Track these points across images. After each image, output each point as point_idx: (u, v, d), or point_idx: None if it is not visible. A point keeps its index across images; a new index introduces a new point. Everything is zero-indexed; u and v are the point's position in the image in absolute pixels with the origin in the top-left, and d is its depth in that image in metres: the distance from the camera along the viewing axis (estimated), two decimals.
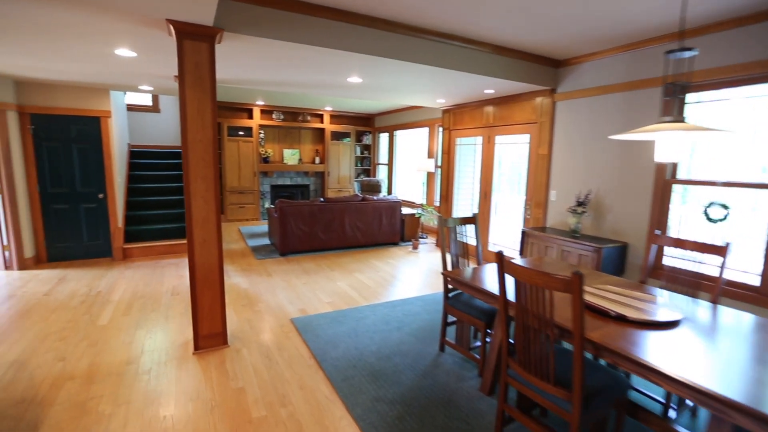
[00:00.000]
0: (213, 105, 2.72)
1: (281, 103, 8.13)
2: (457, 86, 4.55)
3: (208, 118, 2.71)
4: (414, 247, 6.27)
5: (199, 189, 2.74)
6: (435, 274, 5.01)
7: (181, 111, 2.63)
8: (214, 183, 2.79)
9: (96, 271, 4.80)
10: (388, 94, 5.29)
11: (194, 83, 2.64)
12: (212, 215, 2.80)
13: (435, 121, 7.32)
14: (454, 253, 3.13)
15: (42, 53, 3.39)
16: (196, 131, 2.68)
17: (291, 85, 4.78)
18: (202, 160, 2.72)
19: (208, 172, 2.75)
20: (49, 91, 4.85)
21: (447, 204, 6.34)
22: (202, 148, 2.71)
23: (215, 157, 2.77)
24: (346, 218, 5.95)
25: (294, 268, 5.08)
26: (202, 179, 2.74)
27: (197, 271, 2.80)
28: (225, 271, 4.91)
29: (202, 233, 2.78)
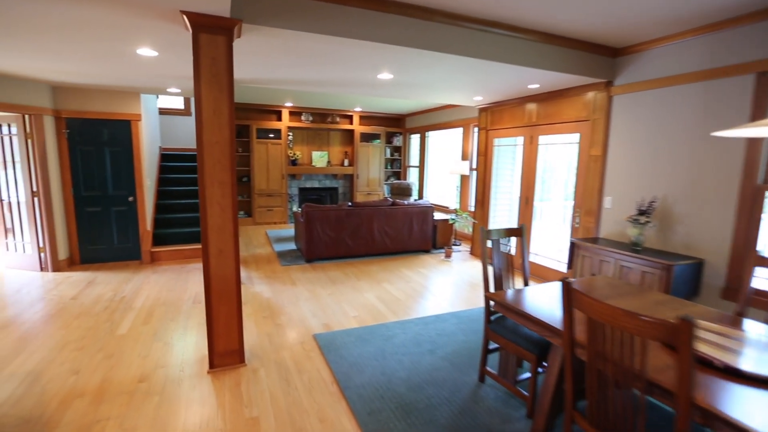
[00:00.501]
0: (230, 104, 2.49)
1: (310, 105, 7.98)
2: (498, 81, 4.15)
3: (225, 119, 2.48)
4: (447, 255, 5.89)
5: (215, 195, 2.52)
6: (470, 287, 4.62)
7: (197, 110, 2.42)
8: (231, 188, 2.56)
9: (124, 274, 4.76)
10: (421, 92, 4.95)
11: (210, 80, 2.42)
12: (229, 223, 2.57)
13: (470, 120, 6.90)
14: (497, 266, 2.75)
15: (66, 54, 3.32)
16: (212, 132, 2.46)
17: (316, 84, 4.55)
18: (219, 163, 2.50)
19: (225, 177, 2.53)
20: (82, 95, 4.87)
21: (483, 209, 5.91)
22: (219, 151, 2.49)
23: (233, 160, 2.54)
24: (375, 224, 5.66)
25: (319, 277, 4.84)
26: (218, 184, 2.52)
27: (212, 284, 2.58)
28: (248, 277, 4.75)
29: (218, 243, 2.56)
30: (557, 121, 4.67)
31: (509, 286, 2.77)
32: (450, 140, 7.83)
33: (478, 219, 6.00)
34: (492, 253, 2.74)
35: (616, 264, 3.56)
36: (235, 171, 2.58)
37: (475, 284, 4.71)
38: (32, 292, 4.09)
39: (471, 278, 4.95)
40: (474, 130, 6.99)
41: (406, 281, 4.77)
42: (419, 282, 4.76)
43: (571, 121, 4.50)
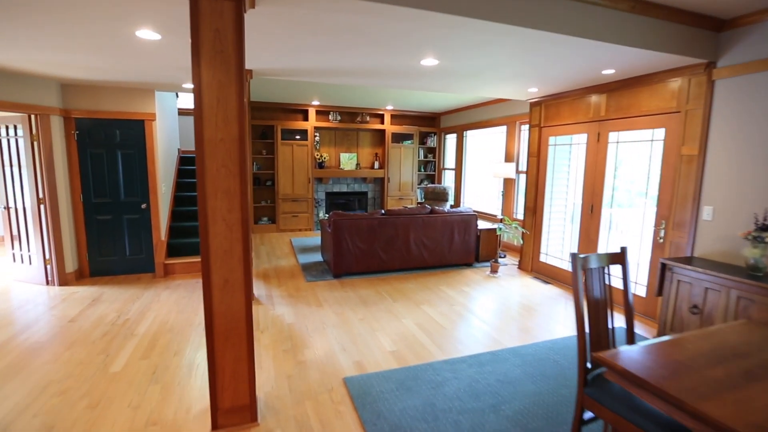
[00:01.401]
0: (240, 91, 1.90)
1: (338, 103, 7.43)
2: (565, 66, 3.41)
3: (233, 109, 1.89)
4: (493, 270, 5.15)
5: (219, 209, 1.93)
6: (526, 311, 3.87)
7: (195, 98, 1.84)
8: (241, 200, 1.97)
9: (133, 290, 4.31)
10: (468, 84, 4.26)
11: (213, 58, 1.84)
12: (237, 245, 1.98)
13: (516, 117, 6.13)
14: (597, 295, 2.03)
15: (62, 40, 2.85)
16: (215, 127, 1.88)
17: (347, 75, 3.94)
18: (224, 167, 1.91)
19: (233, 185, 1.94)
20: (93, 93, 4.47)
21: (534, 218, 5.14)
22: (224, 151, 1.90)
23: (243, 163, 1.95)
24: (411, 234, 5.00)
25: (349, 297, 4.22)
26: (223, 195, 1.93)
27: (216, 324, 2.00)
28: (269, 296, 4.19)
29: (223, 271, 1.97)
30: (633, 115, 3.87)
31: (610, 336, 2.04)
32: (491, 140, 7.07)
33: (527, 227, 5.23)
34: (586, 285, 2.02)
35: (727, 294, 2.76)
36: (247, 177, 1.99)
37: (531, 307, 3.96)
38: (31, 310, 3.68)
39: (524, 299, 4.20)
40: (521, 127, 6.22)
41: (449, 303, 4.08)
42: (464, 304, 4.06)
43: (653, 113, 3.70)
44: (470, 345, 3.18)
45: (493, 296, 4.32)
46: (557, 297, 4.33)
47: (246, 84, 3.69)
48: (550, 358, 2.99)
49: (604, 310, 2.03)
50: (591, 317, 2.00)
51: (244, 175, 1.96)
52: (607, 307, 2.03)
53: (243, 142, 1.93)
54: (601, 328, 2.01)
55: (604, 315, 2.03)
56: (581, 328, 1.89)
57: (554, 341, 3.27)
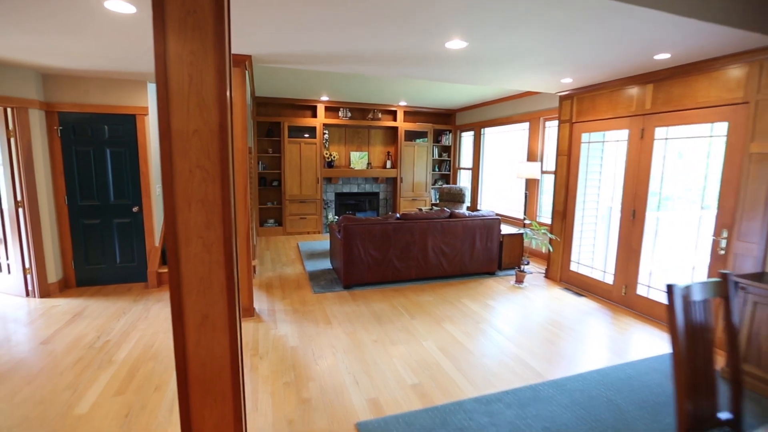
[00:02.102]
0: (221, 66, 1.43)
1: (348, 99, 6.96)
2: (611, 50, 2.89)
3: (210, 90, 1.42)
4: (518, 280, 4.64)
5: (193, 223, 1.47)
6: (564, 331, 3.36)
7: (158, 76, 1.38)
8: (223, 212, 1.50)
9: (121, 303, 3.89)
10: (496, 73, 3.75)
11: (183, 22, 1.37)
12: (219, 272, 1.51)
13: (540, 113, 5.61)
14: (696, 332, 1.53)
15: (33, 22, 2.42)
16: (187, 115, 1.41)
17: (359, 61, 3.46)
18: (200, 168, 1.45)
19: (212, 192, 1.47)
20: (78, 85, 4.06)
21: (564, 222, 4.62)
22: (199, 147, 1.44)
23: (225, 162, 1.48)
24: (429, 241, 4.52)
25: (361, 312, 3.75)
26: (198, 205, 1.46)
27: (191, 375, 1.53)
28: (271, 311, 3.74)
29: (200, 305, 1.51)
30: (687, 107, 3.34)
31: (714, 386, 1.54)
32: (512, 138, 6.55)
33: (556, 233, 4.71)
34: (684, 318, 1.51)
35: None
36: (230, 181, 1.52)
37: (567, 326, 3.45)
38: (0, 329, 3.27)
39: (558, 315, 3.69)
40: (545, 124, 5.69)
41: (474, 320, 3.59)
42: (490, 321, 3.57)
43: (712, 105, 3.17)
44: (505, 376, 2.68)
45: (521, 311, 3.82)
46: (594, 312, 3.81)
47: (244, 71, 3.24)
48: (603, 396, 2.48)
49: (706, 353, 1.52)
50: (688, 361, 1.49)
51: (226, 179, 1.49)
52: (710, 349, 1.53)
53: (225, 134, 1.46)
54: (701, 376, 1.50)
55: (706, 359, 1.52)
56: (681, 379, 1.39)
57: (603, 372, 2.76)
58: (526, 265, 5.46)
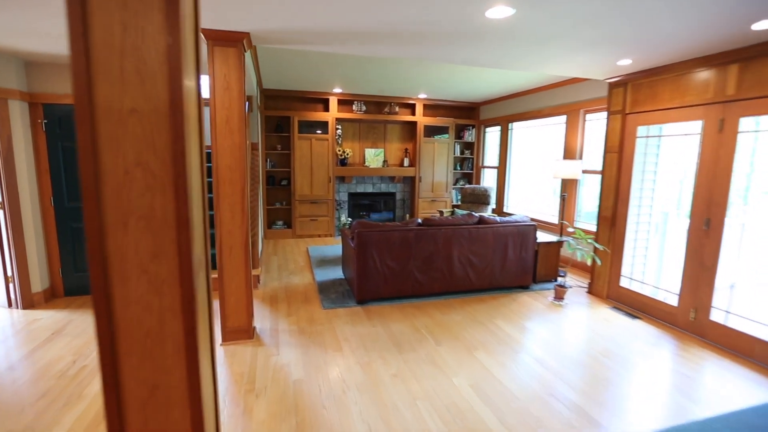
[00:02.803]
0: (173, 13, 0.92)
1: (363, 91, 6.44)
2: (696, 13, 2.28)
3: (156, 49, 0.91)
4: (557, 296, 4.05)
5: (132, 252, 0.96)
6: (626, 368, 2.77)
7: (69, 20, 0.88)
8: (179, 234, 0.99)
9: None
10: (539, 54, 3.17)
11: None
12: (175, 323, 1.00)
13: (580, 105, 4.98)
14: None
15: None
16: (120, 88, 0.90)
17: (376, 40, 2.93)
18: (140, 167, 0.93)
19: (162, 203, 0.96)
20: (65, 73, 3.65)
21: (613, 230, 4.00)
22: (139, 135, 0.92)
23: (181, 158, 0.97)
24: (454, 250, 3.97)
25: (377, 334, 3.23)
26: (139, 224, 0.95)
27: None
28: (273, 330, 3.25)
29: (145, 373, 1.00)
30: None
31: None
32: (545, 133, 5.92)
33: (603, 243, 4.10)
34: None
35: None
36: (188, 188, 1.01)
37: (621, 356, 2.86)
38: None
39: (613, 343, 3.10)
40: (585, 117, 5.07)
41: (510, 347, 3.03)
42: (529, 349, 3.01)
43: None
44: (558, 429, 2.13)
45: (566, 336, 3.24)
46: (654, 340, 3.21)
47: (241, 51, 2.74)
48: None
49: None
50: None
51: (183, 185, 0.98)
52: None
53: (180, 117, 0.95)
54: None
55: None
56: None
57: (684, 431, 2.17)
58: (562, 277, 4.86)
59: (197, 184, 1.11)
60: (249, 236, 2.93)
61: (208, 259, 1.24)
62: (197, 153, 1.12)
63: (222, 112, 2.73)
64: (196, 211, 1.09)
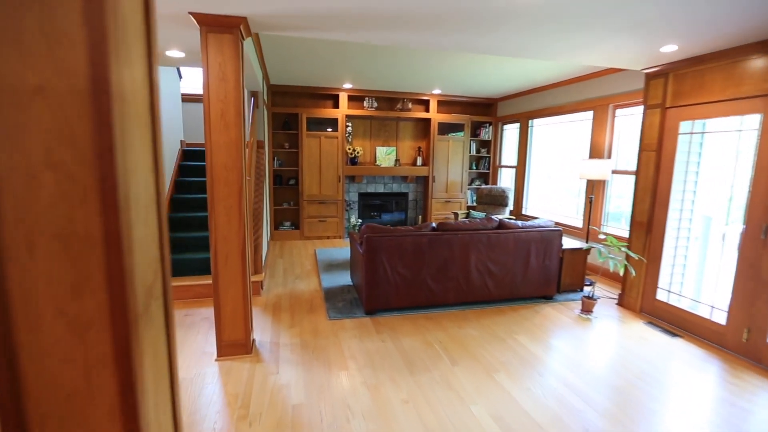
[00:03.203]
0: None
1: (375, 87, 6.16)
2: None
3: None
4: (585, 309, 3.70)
5: (42, 285, 0.69)
6: (665, 392, 2.42)
7: None
8: (109, 260, 0.71)
9: None
10: (571, 39, 2.84)
11: None
12: (110, 382, 0.73)
13: (608, 99, 4.61)
14: None
15: None
16: (18, 55, 0.63)
17: (388, 25, 2.64)
18: (51, 168, 0.66)
19: (85, 217, 0.68)
20: None
21: (649, 238, 3.63)
22: (47, 121, 0.65)
23: (109, 155, 0.69)
24: (471, 256, 3.65)
25: (387, 350, 2.94)
26: (53, 246, 0.68)
27: None
28: (273, 344, 2.99)
29: None
30: None
31: None
32: (568, 130, 5.55)
33: (638, 252, 3.73)
34: None
35: None
36: (119, 200, 0.73)
37: (663, 383, 2.51)
38: None
39: (647, 364, 2.75)
40: (614, 112, 4.69)
41: (536, 369, 2.71)
42: (558, 372, 2.68)
43: None
44: None
45: (598, 357, 2.90)
46: (700, 363, 2.85)
47: (238, 39, 2.48)
48: None
49: None
50: None
51: (111, 190, 0.70)
52: None
53: (105, 98, 0.67)
54: None
55: None
56: None
57: None
58: (589, 286, 4.50)
59: (145, 189, 0.83)
60: (247, 242, 2.67)
61: (167, 287, 0.96)
62: (146, 149, 0.83)
63: (217, 105, 2.47)
64: (140, 225, 0.81)
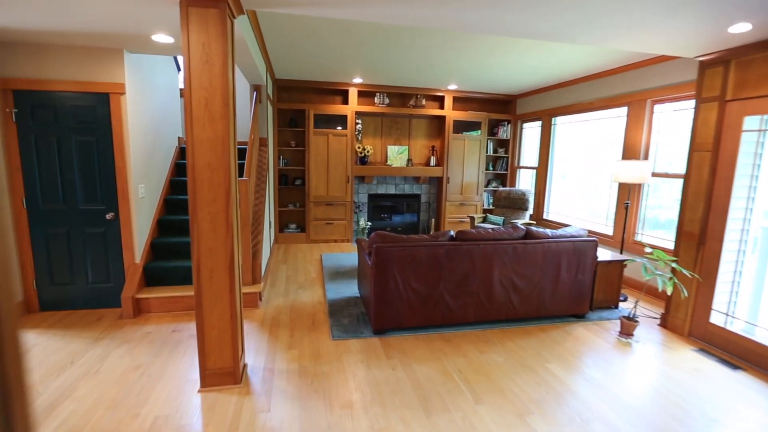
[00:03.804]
0: None
1: (386, 82, 5.75)
2: None
3: None
4: (625, 332, 3.23)
5: None
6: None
7: None
8: None
9: (81, 340, 2.92)
10: (622, 13, 2.38)
11: None
12: None
13: (645, 94, 4.12)
14: None
15: None
16: None
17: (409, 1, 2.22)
18: None
19: None
20: (37, 54, 3.12)
21: (702, 251, 3.14)
22: None
23: None
24: (495, 269, 3.22)
25: (398, 383, 2.53)
26: None
27: None
28: (267, 371, 2.60)
29: None
30: None
31: None
32: (598, 129, 5.06)
33: (688, 267, 3.24)
34: None
35: None
36: None
37: (732, 427, 2.06)
38: None
39: (708, 404, 2.29)
40: (653, 108, 4.20)
41: (576, 412, 2.27)
42: (601, 413, 2.24)
43: None
44: None
45: (649, 395, 2.44)
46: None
47: (225, 17, 2.09)
48: None
49: None
50: None
51: None
52: None
53: None
54: None
55: None
56: None
57: None
58: (623, 301, 4.02)
59: None
60: (236, 254, 2.29)
61: None
62: None
63: (199, 93, 2.09)
64: None
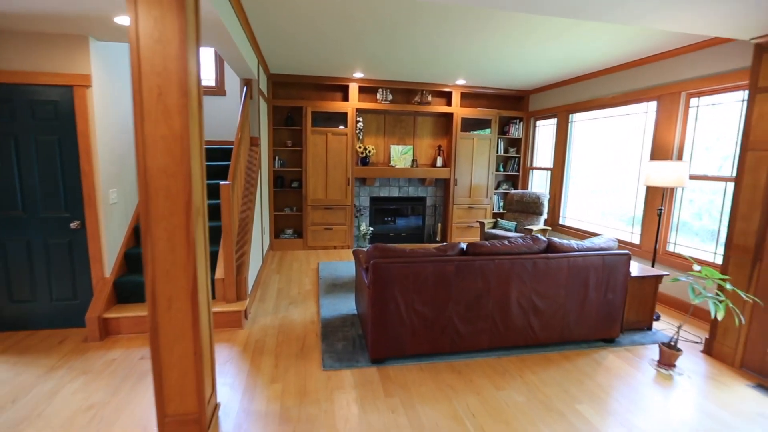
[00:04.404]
0: None
1: (389, 77, 5.33)
2: None
3: None
4: (665, 362, 2.77)
5: None
6: None
7: None
8: None
9: (32, 371, 2.53)
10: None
11: None
12: None
13: (679, 86, 3.66)
14: None
15: None
16: None
17: None
18: None
19: None
20: None
21: (758, 268, 2.67)
22: None
23: None
24: (512, 288, 2.78)
25: (398, 426, 2.10)
26: None
27: None
28: (245, 413, 2.19)
29: None
30: None
31: None
32: (622, 127, 4.59)
33: (742, 287, 2.77)
34: None
35: None
36: None
37: None
38: None
39: None
40: (689, 102, 3.73)
41: None
42: None
43: None
44: None
45: None
46: None
47: None
48: None
49: None
50: None
51: None
52: None
53: None
54: None
55: None
56: None
57: None
58: (656, 320, 3.57)
59: None
60: (199, 279, 1.88)
61: None
62: None
63: (150, 79, 1.68)
64: None
